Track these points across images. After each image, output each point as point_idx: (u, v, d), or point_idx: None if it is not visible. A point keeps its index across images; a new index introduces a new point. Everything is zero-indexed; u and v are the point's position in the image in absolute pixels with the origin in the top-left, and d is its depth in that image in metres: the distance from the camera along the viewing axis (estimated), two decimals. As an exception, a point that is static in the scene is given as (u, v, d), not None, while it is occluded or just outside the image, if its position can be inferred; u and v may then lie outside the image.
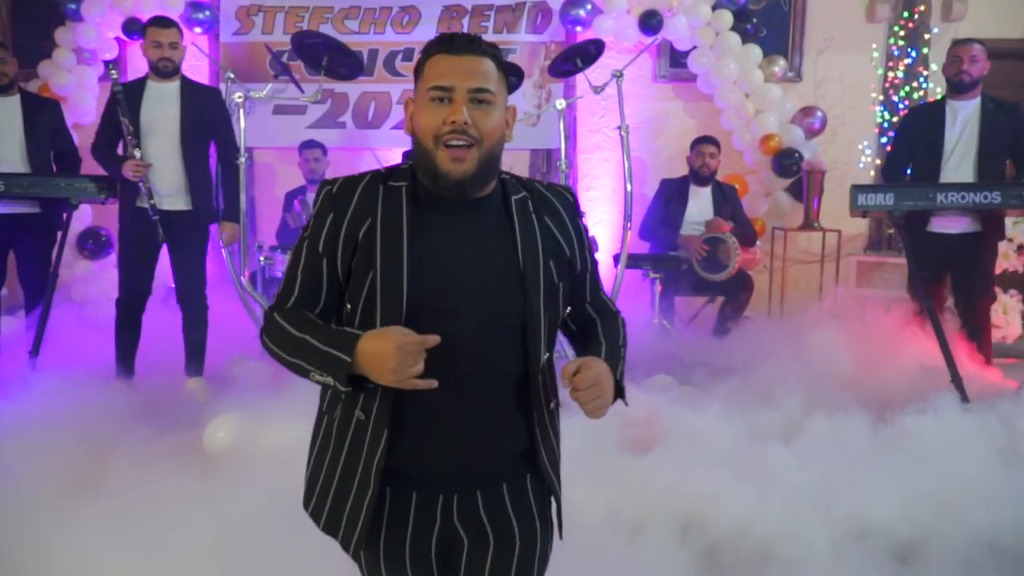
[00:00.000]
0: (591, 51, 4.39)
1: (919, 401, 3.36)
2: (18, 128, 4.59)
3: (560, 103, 4.44)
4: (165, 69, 4.14)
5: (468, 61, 1.45)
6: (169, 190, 4.16)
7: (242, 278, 4.36)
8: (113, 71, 4.15)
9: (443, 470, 1.49)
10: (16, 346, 4.36)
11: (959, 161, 4.14)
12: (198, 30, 6.16)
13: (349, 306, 1.50)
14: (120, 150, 4.19)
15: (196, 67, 6.44)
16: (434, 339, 1.34)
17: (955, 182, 3.95)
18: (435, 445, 1.48)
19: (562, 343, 3.88)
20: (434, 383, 1.34)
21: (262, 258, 4.52)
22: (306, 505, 1.58)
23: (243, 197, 4.24)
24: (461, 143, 1.42)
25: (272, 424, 3.21)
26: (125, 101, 4.04)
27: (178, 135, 4.16)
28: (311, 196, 5.49)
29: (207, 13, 6.13)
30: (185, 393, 3.95)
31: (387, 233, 1.46)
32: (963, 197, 3.68)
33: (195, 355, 4.29)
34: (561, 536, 1.64)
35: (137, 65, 6.45)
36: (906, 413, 3.27)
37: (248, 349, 4.47)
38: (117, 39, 6.19)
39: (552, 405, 1.59)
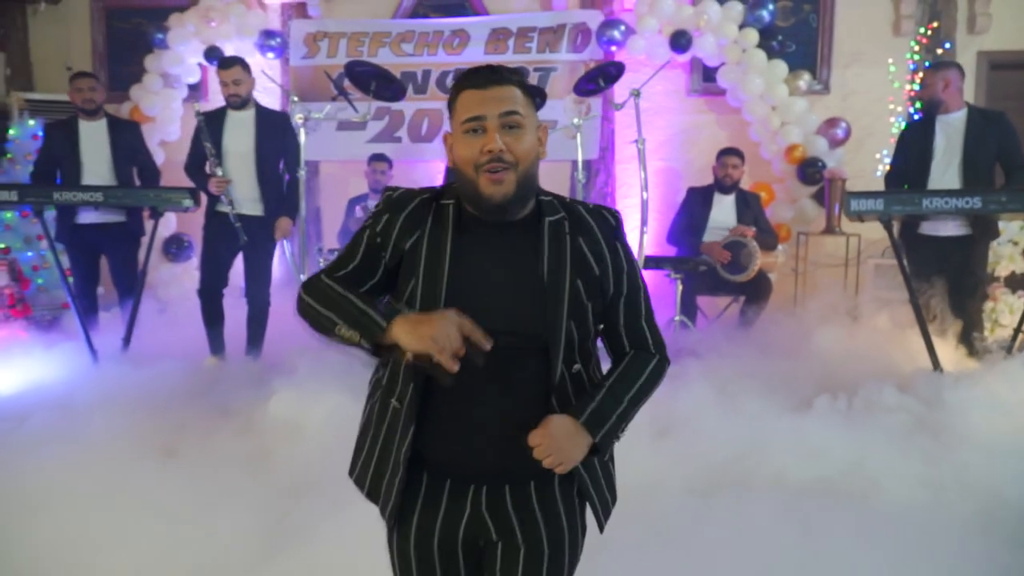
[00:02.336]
0: (612, 72, 4.84)
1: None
2: (105, 148, 5.21)
3: (576, 121, 4.92)
4: (234, 103, 4.83)
5: (494, 91, 1.58)
6: (247, 200, 4.85)
7: (302, 276, 4.94)
8: (196, 105, 4.90)
9: (471, 463, 1.60)
10: (111, 337, 5.00)
11: (944, 169, 4.46)
12: (271, 55, 6.80)
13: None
14: (208, 168, 4.85)
15: (268, 88, 7.11)
16: (485, 343, 1.47)
17: (939, 188, 4.27)
18: (462, 441, 1.59)
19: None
20: (455, 368, 1.43)
21: (321, 260, 5.10)
22: (351, 474, 1.74)
23: (303, 205, 4.83)
24: (499, 168, 1.55)
25: (326, 399, 3.78)
26: (207, 128, 4.74)
27: (253, 158, 4.85)
28: (372, 202, 6.09)
29: (278, 40, 6.78)
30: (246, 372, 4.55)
31: (431, 249, 1.59)
32: (946, 202, 3.99)
33: (255, 341, 4.94)
34: (601, 530, 1.71)
35: (216, 88, 7.15)
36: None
37: (305, 341, 5.05)
38: (199, 65, 6.88)
39: None
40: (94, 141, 5.17)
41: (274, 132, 4.90)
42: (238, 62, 4.85)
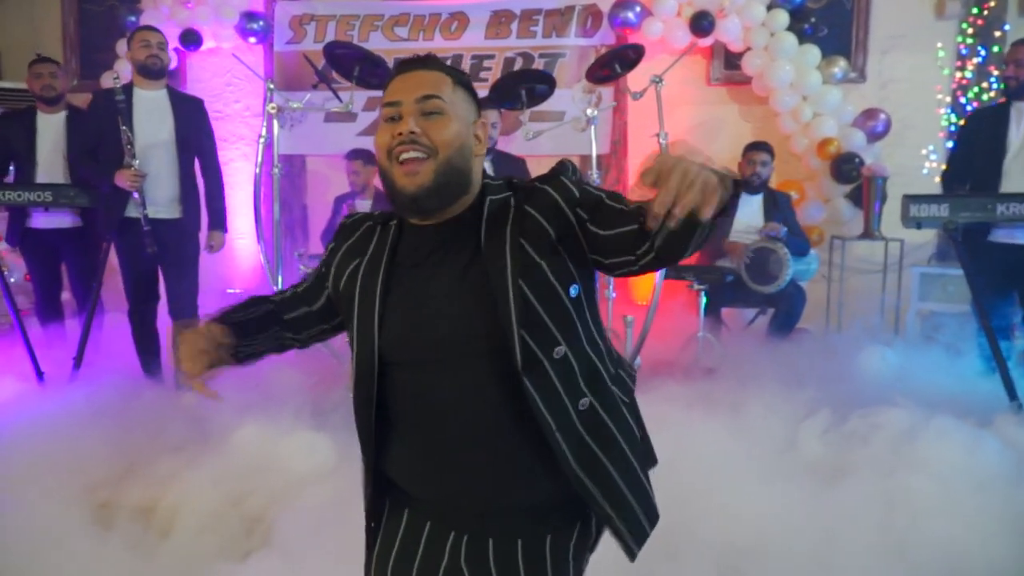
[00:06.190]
0: (630, 56, 4.26)
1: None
2: (62, 143, 4.63)
3: (590, 112, 4.35)
4: (153, 67, 4.21)
5: (415, 75, 1.41)
6: (163, 200, 4.25)
7: (279, 285, 4.39)
8: (116, 78, 4.24)
9: (444, 496, 1.42)
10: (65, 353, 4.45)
11: (1023, 166, 3.86)
12: (252, 40, 6.23)
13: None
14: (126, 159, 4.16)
15: (249, 77, 6.56)
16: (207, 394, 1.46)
17: (1016, 192, 3.68)
18: (434, 472, 1.41)
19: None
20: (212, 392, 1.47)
21: (302, 267, 4.54)
22: None
23: (276, 206, 4.28)
24: (413, 155, 1.35)
25: (296, 434, 3.25)
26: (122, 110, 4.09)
27: (174, 146, 4.26)
28: (359, 203, 5.53)
29: (261, 23, 6.21)
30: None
31: (365, 278, 1.44)
32: (1025, 208, 3.42)
33: None
34: (632, 559, 1.40)
35: (196, 76, 6.61)
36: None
37: (284, 357, 4.50)
38: (175, 50, 6.32)
39: (583, 406, 1.36)
40: (51, 135, 4.60)
41: (189, 120, 4.31)
42: (162, 33, 4.35)
